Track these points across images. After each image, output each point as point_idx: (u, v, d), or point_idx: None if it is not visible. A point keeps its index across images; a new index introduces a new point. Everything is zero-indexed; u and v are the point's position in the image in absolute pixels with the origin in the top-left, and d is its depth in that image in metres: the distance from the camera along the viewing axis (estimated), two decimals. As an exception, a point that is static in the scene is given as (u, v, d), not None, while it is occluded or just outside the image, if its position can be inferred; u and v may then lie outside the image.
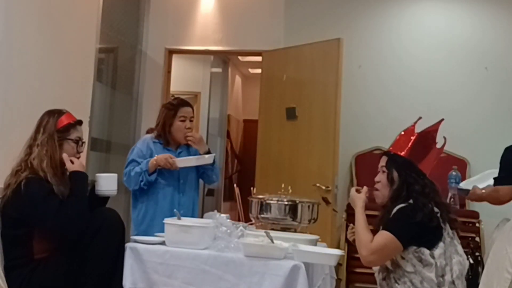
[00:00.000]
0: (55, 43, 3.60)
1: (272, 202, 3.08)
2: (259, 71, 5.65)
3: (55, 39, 3.60)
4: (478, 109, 5.07)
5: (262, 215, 3.09)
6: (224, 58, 7.51)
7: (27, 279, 2.53)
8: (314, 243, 2.83)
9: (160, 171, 3.32)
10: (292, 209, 3.07)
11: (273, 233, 2.64)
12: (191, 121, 3.42)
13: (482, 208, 4.48)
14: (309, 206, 3.14)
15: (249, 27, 5.49)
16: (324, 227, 4.14)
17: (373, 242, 2.33)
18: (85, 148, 2.98)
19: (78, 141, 2.76)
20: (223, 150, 7.66)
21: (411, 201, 2.38)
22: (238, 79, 8.73)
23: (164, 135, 3.39)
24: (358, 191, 2.60)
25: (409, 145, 2.46)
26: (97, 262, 2.54)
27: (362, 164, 5.24)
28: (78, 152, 2.77)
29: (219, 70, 7.51)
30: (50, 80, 3.57)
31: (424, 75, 5.22)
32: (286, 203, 3.07)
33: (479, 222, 4.52)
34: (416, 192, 2.39)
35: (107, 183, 2.81)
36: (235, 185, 3.43)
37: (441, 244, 2.31)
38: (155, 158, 3.27)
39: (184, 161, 3.35)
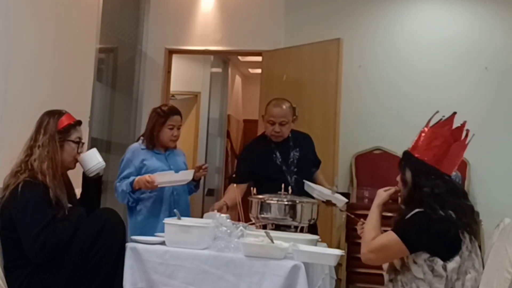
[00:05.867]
0: (55, 43, 3.60)
1: (272, 202, 3.07)
2: (259, 71, 5.65)
3: (55, 39, 3.60)
4: (479, 108, 5.06)
5: (262, 215, 3.08)
6: (224, 58, 7.50)
7: (27, 281, 2.52)
8: (314, 243, 2.82)
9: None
10: (292, 209, 3.07)
11: (273, 233, 2.64)
12: (178, 129, 3.51)
13: (482, 208, 4.48)
14: (309, 206, 3.14)
15: (249, 27, 5.49)
16: (324, 227, 4.13)
17: (374, 241, 2.27)
18: (85, 148, 2.97)
19: (78, 142, 2.77)
20: (223, 150, 7.65)
21: (427, 208, 2.25)
22: (238, 79, 8.73)
23: (152, 139, 3.46)
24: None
25: (426, 145, 2.34)
26: (100, 263, 2.53)
27: (362, 164, 5.25)
28: (78, 153, 2.78)
29: (219, 70, 7.50)
30: (50, 80, 3.57)
31: (424, 75, 5.22)
32: (286, 203, 3.06)
33: (479, 222, 4.51)
34: (426, 194, 2.27)
35: (92, 158, 2.81)
36: (235, 185, 3.42)
37: (457, 258, 2.21)
38: (136, 180, 3.30)
39: (163, 176, 3.28)
